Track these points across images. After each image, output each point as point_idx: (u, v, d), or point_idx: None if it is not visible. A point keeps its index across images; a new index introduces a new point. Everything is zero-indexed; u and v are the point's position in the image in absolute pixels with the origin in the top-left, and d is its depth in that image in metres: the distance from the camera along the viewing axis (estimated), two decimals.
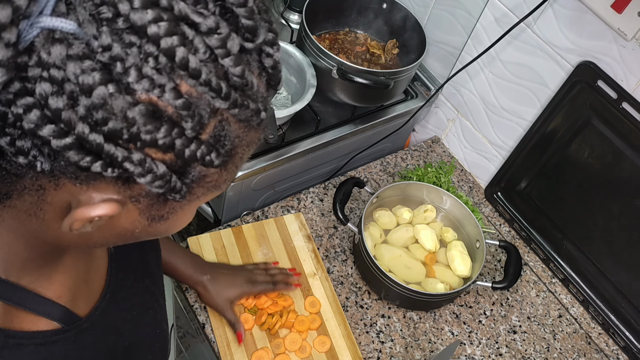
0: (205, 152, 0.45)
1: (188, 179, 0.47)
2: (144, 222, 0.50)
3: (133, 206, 0.48)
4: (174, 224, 0.53)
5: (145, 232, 0.53)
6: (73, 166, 0.42)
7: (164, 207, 0.50)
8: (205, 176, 0.48)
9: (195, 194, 0.50)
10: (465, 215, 1.25)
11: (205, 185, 0.49)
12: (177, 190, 0.47)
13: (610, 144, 1.14)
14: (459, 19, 1.36)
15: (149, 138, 0.42)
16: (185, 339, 1.47)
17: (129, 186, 0.45)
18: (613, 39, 1.08)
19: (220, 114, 0.45)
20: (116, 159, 0.42)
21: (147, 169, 0.43)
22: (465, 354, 1.18)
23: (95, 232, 0.50)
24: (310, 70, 1.28)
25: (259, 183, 1.30)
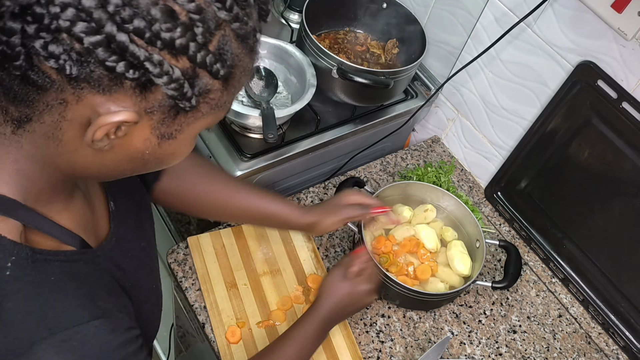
0: (212, 60, 0.50)
1: (196, 90, 0.52)
2: (154, 140, 0.55)
3: (146, 121, 0.52)
4: (180, 146, 0.58)
5: (154, 155, 0.57)
6: (98, 69, 0.47)
7: (173, 124, 0.54)
8: (210, 91, 0.53)
9: (200, 110, 0.55)
10: (465, 215, 1.25)
11: (210, 101, 0.54)
12: (189, 97, 0.51)
13: (611, 144, 1.14)
14: (459, 18, 1.36)
15: (167, 37, 0.47)
16: (185, 339, 1.47)
17: (145, 96, 0.50)
18: (613, 38, 1.08)
19: (224, 28, 0.50)
20: (138, 58, 0.47)
21: (164, 70, 0.48)
22: (465, 354, 1.18)
23: (109, 154, 0.55)
24: (310, 70, 1.28)
25: (259, 183, 1.30)
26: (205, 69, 0.50)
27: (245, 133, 1.29)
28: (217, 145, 1.26)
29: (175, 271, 1.16)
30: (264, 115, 1.18)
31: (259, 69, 1.30)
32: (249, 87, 1.27)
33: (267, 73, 1.30)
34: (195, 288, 1.14)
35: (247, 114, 1.18)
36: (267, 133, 1.15)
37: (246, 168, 1.24)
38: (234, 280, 1.14)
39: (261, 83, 1.28)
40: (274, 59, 1.34)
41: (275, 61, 1.35)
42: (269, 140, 1.14)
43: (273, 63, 1.35)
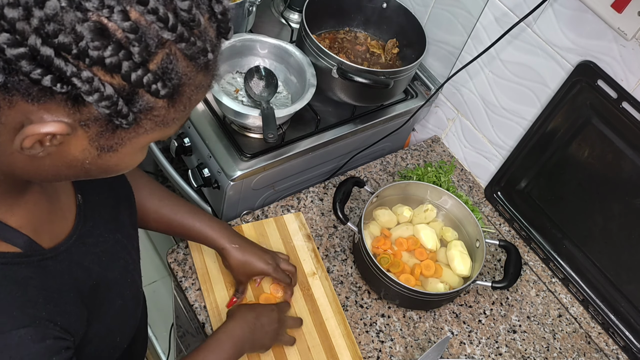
0: (151, 80, 0.48)
1: (135, 107, 0.50)
2: (93, 152, 0.53)
3: (82, 132, 0.51)
4: (124, 158, 0.56)
5: (95, 165, 0.55)
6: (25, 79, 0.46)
7: (113, 137, 0.52)
8: (153, 108, 0.51)
9: (142, 127, 0.53)
10: (465, 215, 1.25)
11: (153, 118, 0.52)
12: (124, 115, 0.49)
13: (610, 144, 1.14)
14: (459, 18, 1.36)
15: (96, 55, 0.45)
16: (185, 339, 1.47)
17: (79, 109, 0.48)
18: (613, 38, 1.08)
19: (169, 47, 0.49)
20: (65, 73, 0.45)
21: (94, 88, 0.46)
22: (465, 354, 1.18)
23: (46, 159, 0.53)
24: (310, 70, 1.28)
25: (258, 182, 1.30)
26: (142, 88, 0.49)
27: (245, 133, 1.29)
28: (217, 145, 1.26)
29: (175, 271, 1.16)
30: (264, 115, 1.18)
31: (259, 69, 1.30)
32: (249, 87, 1.27)
33: (267, 73, 1.30)
34: (195, 288, 1.14)
35: (247, 113, 1.18)
36: (267, 133, 1.15)
37: (246, 168, 1.24)
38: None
39: (261, 83, 1.28)
40: (274, 59, 1.34)
41: (275, 61, 1.35)
42: (269, 140, 1.14)
43: (273, 63, 1.35)
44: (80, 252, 0.69)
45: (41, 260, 0.62)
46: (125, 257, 0.78)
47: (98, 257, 0.72)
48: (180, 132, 1.35)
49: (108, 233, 0.75)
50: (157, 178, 1.82)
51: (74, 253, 0.67)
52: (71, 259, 0.67)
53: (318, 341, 1.11)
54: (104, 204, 0.75)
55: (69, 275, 0.66)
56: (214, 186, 1.29)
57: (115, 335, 0.74)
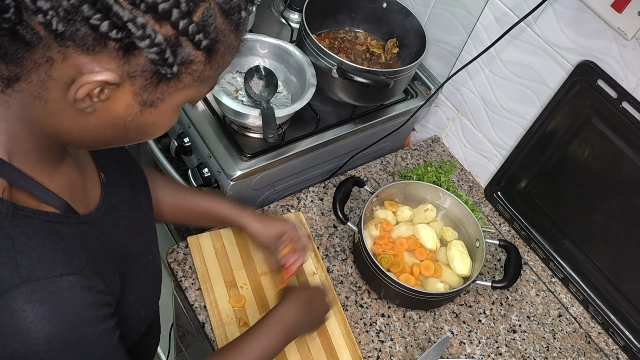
0: (195, 30, 0.52)
1: (178, 57, 0.53)
2: (136, 107, 0.56)
3: (129, 86, 0.54)
4: (162, 116, 0.59)
5: (136, 123, 0.58)
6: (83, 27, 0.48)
7: (155, 91, 0.55)
8: (192, 62, 0.55)
9: (182, 81, 0.56)
10: (465, 215, 1.25)
11: (192, 72, 0.56)
12: (170, 64, 0.53)
13: (610, 144, 1.14)
14: (459, 18, 1.36)
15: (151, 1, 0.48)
16: (185, 338, 1.47)
17: (128, 60, 0.52)
18: (613, 38, 1.08)
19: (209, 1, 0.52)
20: (122, 18, 0.48)
21: (147, 34, 0.50)
22: (465, 353, 1.18)
23: (92, 117, 0.56)
24: (310, 70, 1.28)
25: (258, 182, 1.30)
26: (187, 37, 0.52)
27: (245, 132, 1.29)
28: (217, 144, 1.26)
29: (175, 271, 1.16)
30: (264, 114, 1.18)
31: (259, 69, 1.30)
32: (249, 86, 1.27)
33: (267, 73, 1.30)
34: (195, 288, 1.14)
35: (247, 113, 1.18)
36: (267, 132, 1.15)
37: (246, 167, 1.24)
38: (233, 279, 1.14)
39: (261, 83, 1.28)
40: (274, 59, 1.34)
41: (275, 61, 1.35)
42: (269, 139, 1.14)
43: (273, 63, 1.35)
44: (110, 223, 0.71)
45: (79, 223, 0.65)
46: (146, 233, 0.81)
47: (125, 230, 0.74)
48: (180, 131, 1.35)
49: (131, 210, 0.78)
50: None
51: (105, 222, 0.70)
52: (103, 227, 0.69)
53: (318, 341, 1.11)
54: (123, 184, 0.78)
55: (103, 241, 0.68)
56: (214, 186, 1.29)
57: (141, 307, 0.76)
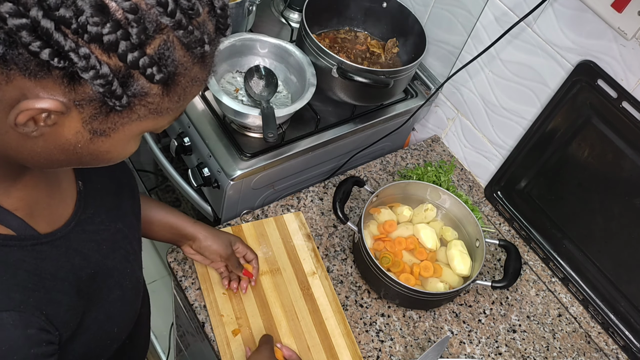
0: (147, 63, 0.49)
1: (130, 91, 0.51)
2: (86, 135, 0.54)
3: (76, 113, 0.51)
4: (116, 145, 0.56)
5: (87, 150, 0.56)
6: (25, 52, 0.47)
7: (106, 121, 0.53)
8: (147, 94, 0.52)
9: (136, 112, 0.53)
10: (465, 215, 1.25)
11: (147, 105, 0.53)
12: (118, 96, 0.50)
13: (610, 143, 1.14)
14: (459, 18, 1.36)
15: (94, 31, 0.46)
16: (185, 338, 1.47)
17: (74, 88, 0.49)
18: (613, 38, 1.08)
19: (167, 33, 0.50)
20: (63, 47, 0.46)
21: (91, 65, 0.47)
22: (464, 353, 1.18)
23: (39, 141, 0.54)
24: (310, 69, 1.28)
25: (258, 182, 1.30)
26: (138, 70, 0.49)
27: (245, 132, 1.29)
28: (217, 144, 1.26)
29: (175, 270, 1.16)
30: (264, 114, 1.18)
31: (259, 68, 1.29)
32: (249, 86, 1.27)
33: (267, 72, 1.30)
34: (195, 287, 1.14)
35: (247, 113, 1.18)
36: (267, 132, 1.15)
37: (246, 167, 1.23)
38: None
39: (261, 82, 1.28)
40: (274, 58, 1.34)
41: (275, 60, 1.35)
42: (269, 139, 1.14)
43: (273, 62, 1.35)
44: (79, 239, 0.68)
45: (35, 244, 0.62)
46: (125, 246, 0.78)
47: (98, 245, 0.71)
48: (180, 131, 1.35)
49: (109, 221, 0.75)
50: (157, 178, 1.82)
51: (73, 240, 0.67)
52: (69, 245, 0.66)
53: (318, 340, 1.11)
54: (105, 192, 0.75)
55: (65, 262, 0.65)
56: (214, 186, 1.29)
57: (112, 325, 0.73)
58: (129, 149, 0.59)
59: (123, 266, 0.76)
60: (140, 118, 0.54)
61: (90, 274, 0.68)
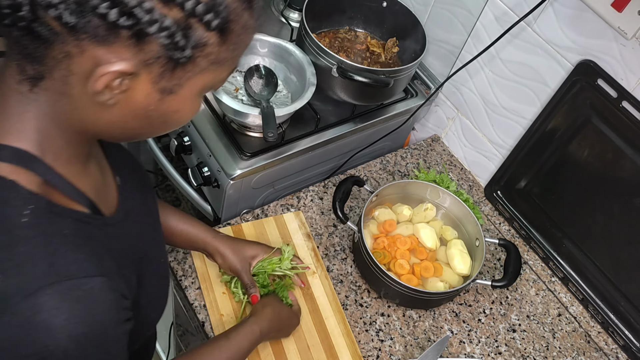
0: (203, 10, 0.52)
1: (191, 42, 0.54)
2: (156, 95, 0.57)
3: (146, 75, 0.55)
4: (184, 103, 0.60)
5: (158, 112, 0.59)
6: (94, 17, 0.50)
7: (172, 78, 0.56)
8: (206, 44, 0.55)
9: (198, 65, 0.56)
10: (465, 214, 1.25)
11: (207, 55, 0.56)
12: (182, 47, 0.53)
13: (610, 143, 1.14)
14: (459, 17, 1.36)
15: None
16: (185, 337, 1.47)
17: (142, 48, 0.52)
18: (613, 37, 1.08)
19: None
20: (128, 4, 0.49)
21: (154, 18, 0.50)
22: (464, 353, 1.18)
23: (115, 109, 0.57)
24: (310, 69, 1.28)
25: (258, 181, 1.30)
26: (197, 18, 0.52)
27: (245, 132, 1.29)
28: (217, 143, 1.26)
29: (175, 270, 1.16)
30: (264, 113, 1.18)
31: (259, 68, 1.29)
32: (249, 85, 1.27)
33: (267, 72, 1.30)
34: (195, 287, 1.14)
35: (246, 112, 1.18)
36: (267, 132, 1.15)
37: (246, 167, 1.23)
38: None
39: (261, 82, 1.28)
40: (274, 58, 1.34)
41: (275, 60, 1.34)
42: (269, 139, 1.14)
43: (273, 62, 1.35)
44: (128, 226, 0.72)
45: (104, 225, 0.66)
46: (157, 238, 0.82)
47: (141, 233, 0.75)
48: (180, 130, 1.35)
49: (143, 215, 0.79)
50: (157, 177, 1.82)
51: (125, 226, 0.71)
52: (123, 230, 0.70)
53: (318, 340, 1.11)
54: (135, 189, 0.79)
55: (125, 244, 0.69)
56: (214, 185, 1.29)
57: (150, 310, 0.76)
58: (194, 107, 0.62)
59: (158, 255, 0.81)
60: (203, 71, 0.57)
61: (139, 258, 0.72)
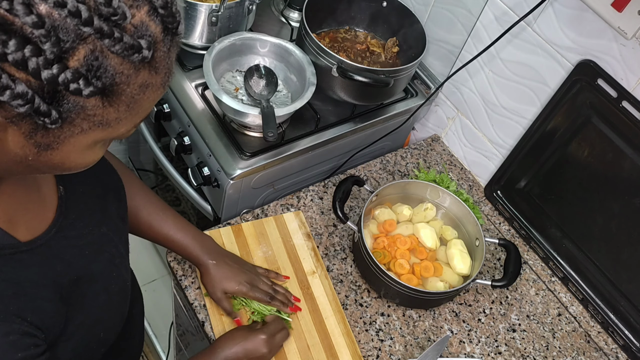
0: (70, 78, 0.45)
1: (62, 106, 0.47)
2: (32, 149, 0.51)
3: (15, 129, 0.49)
4: (69, 157, 0.53)
5: (40, 162, 0.53)
6: None
7: (48, 135, 0.50)
8: (85, 108, 0.48)
9: (78, 126, 0.50)
10: (464, 214, 1.25)
11: (88, 118, 0.50)
12: (45, 113, 0.47)
13: (610, 143, 1.14)
14: (459, 17, 1.36)
15: None
16: (185, 337, 1.47)
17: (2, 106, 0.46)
18: (613, 37, 1.08)
19: (92, 42, 0.46)
20: None
21: (3, 85, 0.44)
22: (464, 352, 1.18)
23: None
24: (310, 69, 1.28)
25: (258, 181, 1.30)
26: (58, 86, 0.46)
27: (245, 131, 1.29)
28: (217, 143, 1.26)
29: (174, 270, 1.16)
30: (264, 113, 1.18)
31: (259, 68, 1.29)
32: (249, 85, 1.27)
33: (267, 71, 1.30)
34: (194, 286, 1.14)
35: (246, 112, 1.18)
36: (267, 131, 1.15)
37: (245, 166, 1.23)
38: None
39: (261, 81, 1.28)
40: (274, 58, 1.34)
41: (275, 60, 1.35)
42: (269, 138, 1.14)
43: (273, 61, 1.35)
44: (61, 246, 0.67)
45: (14, 253, 0.61)
46: (111, 250, 0.77)
47: (81, 251, 0.70)
48: (180, 130, 1.35)
49: (93, 226, 0.74)
50: (157, 177, 1.82)
51: (54, 246, 0.66)
52: (50, 253, 0.65)
53: (317, 340, 1.11)
54: (89, 196, 0.74)
55: (46, 269, 0.64)
56: (214, 185, 1.29)
57: (99, 330, 0.73)
58: (88, 158, 0.56)
59: (108, 270, 0.75)
60: (85, 131, 0.51)
61: (73, 279, 0.68)
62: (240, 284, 1.06)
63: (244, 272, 1.08)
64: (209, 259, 1.05)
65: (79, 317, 0.68)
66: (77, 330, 0.68)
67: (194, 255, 1.05)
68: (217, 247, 1.08)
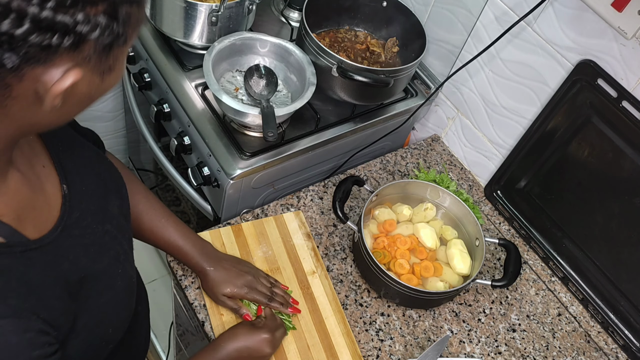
0: None
1: (121, 21, 0.53)
2: (97, 80, 0.57)
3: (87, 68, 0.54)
4: (118, 72, 0.60)
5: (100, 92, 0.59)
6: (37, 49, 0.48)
7: (109, 58, 0.56)
8: (131, 15, 0.55)
9: (130, 37, 0.56)
10: (464, 214, 1.25)
11: (133, 24, 0.56)
12: (120, 34, 0.53)
13: (610, 143, 1.14)
14: (459, 17, 1.36)
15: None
16: (185, 337, 1.47)
17: (79, 49, 0.51)
18: (613, 37, 1.08)
19: None
20: (68, 26, 0.48)
21: (94, 25, 0.50)
22: (464, 352, 1.18)
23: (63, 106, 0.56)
24: (310, 69, 1.28)
25: (258, 181, 1.30)
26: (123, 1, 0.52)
27: (245, 131, 1.29)
28: (217, 143, 1.26)
29: (174, 269, 1.16)
30: (264, 113, 1.18)
31: (259, 67, 1.29)
32: (249, 85, 1.27)
33: (267, 71, 1.30)
34: (194, 286, 1.14)
35: (246, 112, 1.18)
36: (267, 131, 1.15)
37: (245, 166, 1.23)
38: None
39: (261, 81, 1.28)
40: (274, 57, 1.34)
41: (275, 59, 1.35)
42: (269, 138, 1.14)
43: (273, 61, 1.35)
44: (67, 244, 0.68)
45: (24, 251, 0.61)
46: (115, 247, 0.77)
47: (85, 249, 0.71)
48: (180, 130, 1.35)
49: (96, 224, 0.74)
50: (157, 177, 1.82)
51: (60, 245, 0.67)
52: (57, 251, 0.66)
53: (317, 340, 1.11)
54: (91, 194, 0.75)
55: (55, 268, 0.65)
56: (214, 185, 1.29)
57: (106, 327, 0.73)
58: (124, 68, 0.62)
59: (113, 268, 0.76)
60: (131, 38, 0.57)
61: (80, 278, 0.68)
62: (238, 287, 1.07)
63: (242, 274, 1.08)
64: (207, 266, 1.06)
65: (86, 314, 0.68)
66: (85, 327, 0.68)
67: (194, 262, 1.06)
68: (216, 252, 1.09)
